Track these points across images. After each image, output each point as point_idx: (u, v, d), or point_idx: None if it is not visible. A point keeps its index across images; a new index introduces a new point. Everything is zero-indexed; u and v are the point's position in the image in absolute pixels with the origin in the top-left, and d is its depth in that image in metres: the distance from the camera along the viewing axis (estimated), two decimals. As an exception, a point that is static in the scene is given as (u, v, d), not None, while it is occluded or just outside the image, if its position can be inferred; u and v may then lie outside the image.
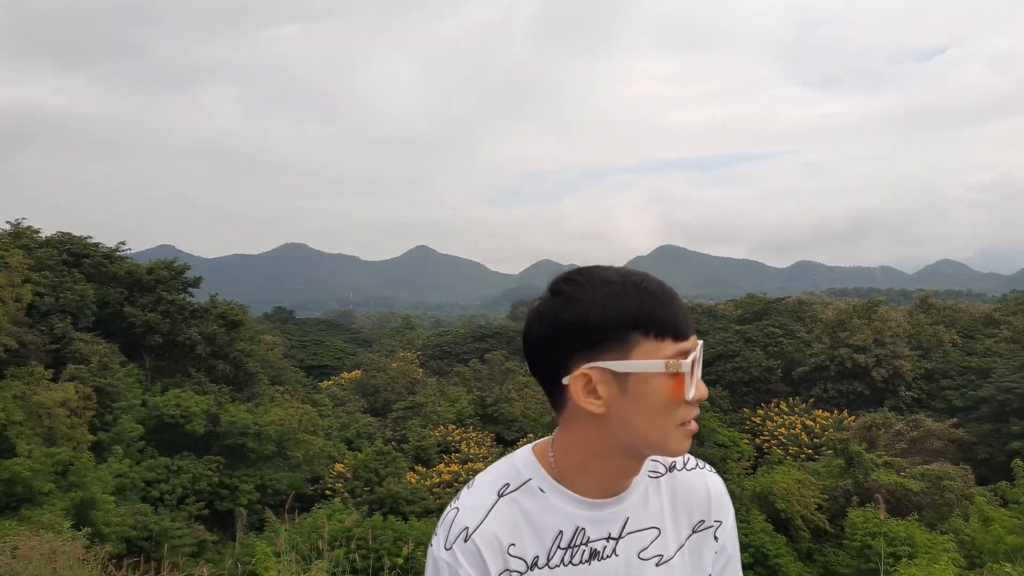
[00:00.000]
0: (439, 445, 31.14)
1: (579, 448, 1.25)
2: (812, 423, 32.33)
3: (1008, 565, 10.98)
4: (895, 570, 13.50)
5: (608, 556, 1.26)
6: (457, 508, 1.27)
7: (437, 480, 27.18)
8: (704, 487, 1.35)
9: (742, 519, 20.15)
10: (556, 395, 1.24)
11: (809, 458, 29.19)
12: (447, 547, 1.24)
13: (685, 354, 1.19)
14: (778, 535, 20.61)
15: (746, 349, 37.81)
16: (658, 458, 1.32)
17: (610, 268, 1.24)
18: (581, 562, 1.25)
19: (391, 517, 20.57)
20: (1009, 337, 35.94)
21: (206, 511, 25.19)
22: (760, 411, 34.33)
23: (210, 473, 26.02)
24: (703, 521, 1.33)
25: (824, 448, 29.12)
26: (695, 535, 1.32)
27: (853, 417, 31.62)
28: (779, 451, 30.30)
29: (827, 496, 23.08)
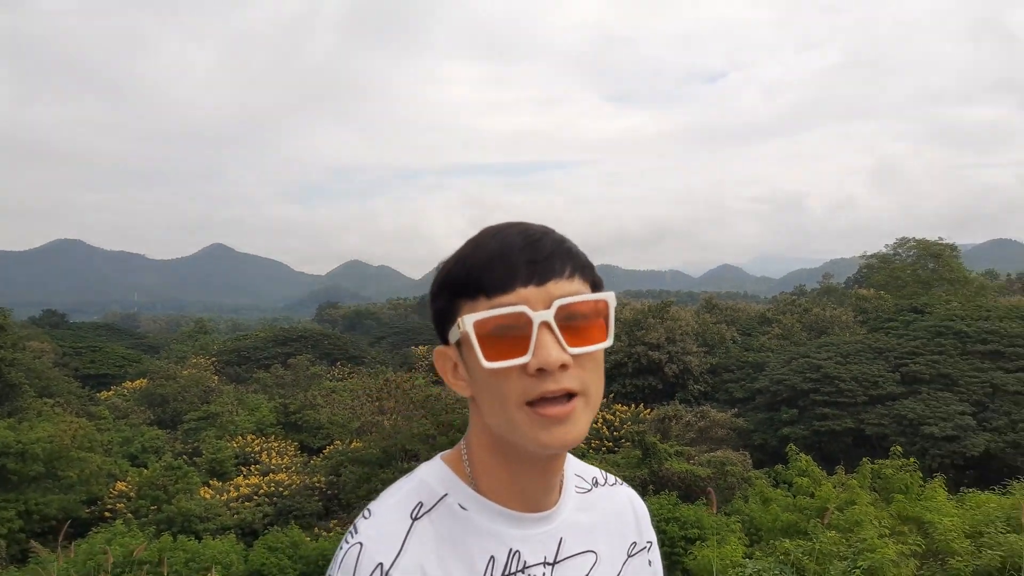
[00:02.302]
0: (237, 457, 29.50)
1: (477, 443, 1.06)
2: (612, 417, 34.01)
3: (786, 540, 12.00)
4: (689, 553, 14.34)
5: None
6: (360, 543, 0.99)
7: (235, 494, 25.62)
8: (629, 505, 1.20)
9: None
10: None
11: (610, 451, 30.69)
12: None
13: (512, 313, 0.97)
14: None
15: (552, 348, 39.06)
16: (580, 472, 1.16)
17: (483, 229, 1.04)
18: None
19: (182, 537, 19.04)
20: (780, 334, 40.09)
21: (-48, 546, 21.72)
22: (565, 408, 35.53)
23: (-43, 502, 22.53)
24: (635, 544, 1.17)
25: (623, 440, 30.79)
26: (631, 560, 1.15)
27: (649, 410, 33.65)
28: (583, 445, 31.50)
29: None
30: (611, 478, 1.21)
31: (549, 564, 1.05)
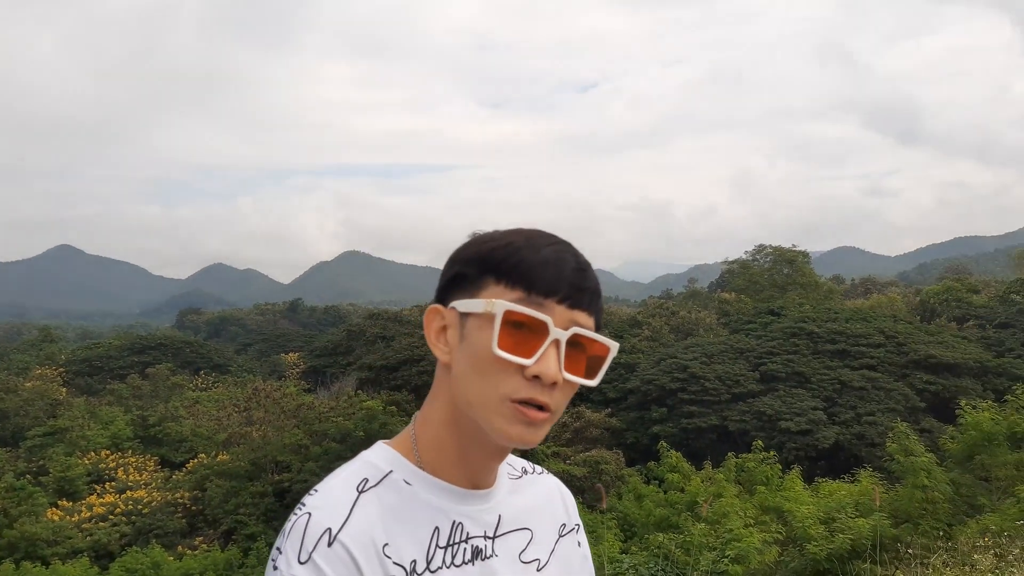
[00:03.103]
0: (90, 474, 27.46)
1: (437, 413, 1.12)
2: (490, 421, 34.19)
3: (659, 534, 12.40)
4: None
5: (490, 556, 1.11)
6: (308, 513, 1.04)
7: (88, 515, 23.79)
8: (556, 491, 1.28)
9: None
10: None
11: (488, 455, 30.84)
12: (302, 560, 1.01)
13: (536, 307, 1.04)
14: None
15: (431, 353, 38.74)
16: (511, 462, 1.23)
17: (538, 231, 1.12)
18: (464, 562, 1.09)
19: (26, 564, 17.52)
20: (649, 336, 41.63)
21: None
22: (443, 413, 35.44)
23: None
24: (565, 525, 1.25)
25: (501, 444, 31.00)
26: (561, 540, 1.23)
27: (526, 413, 34.06)
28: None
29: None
30: (538, 468, 1.29)
31: (489, 538, 1.12)
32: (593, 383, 1.09)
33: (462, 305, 1.08)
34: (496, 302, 1.04)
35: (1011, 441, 14.69)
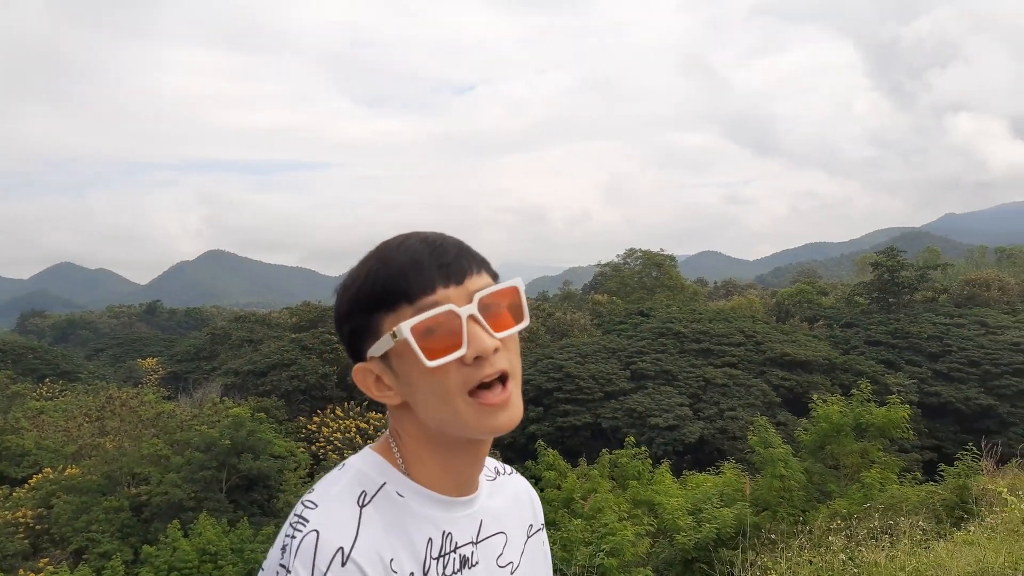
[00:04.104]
0: (-88, 496, 24.66)
1: (408, 440, 1.13)
2: (366, 425, 33.49)
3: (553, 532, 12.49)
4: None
5: (475, 564, 1.15)
6: (315, 530, 1.03)
7: (-91, 541, 21.28)
8: (525, 492, 1.31)
9: (301, 529, 19.89)
10: None
11: (363, 459, 30.25)
12: None
13: (430, 307, 1.06)
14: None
15: (302, 357, 37.77)
16: (485, 463, 1.24)
17: (391, 238, 1.12)
18: (454, 572, 1.12)
19: None
20: (526, 336, 42.16)
21: None
22: (316, 418, 34.46)
23: None
24: (532, 526, 1.28)
25: (377, 448, 30.46)
26: (529, 540, 1.27)
27: (402, 416, 33.64)
28: (335, 456, 30.72)
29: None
30: (508, 468, 1.32)
31: (474, 544, 1.16)
32: (525, 323, 1.12)
33: (376, 350, 1.09)
34: (399, 328, 1.05)
35: (857, 431, 15.86)
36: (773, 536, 8.46)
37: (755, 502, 13.70)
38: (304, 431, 33.45)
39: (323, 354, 38.84)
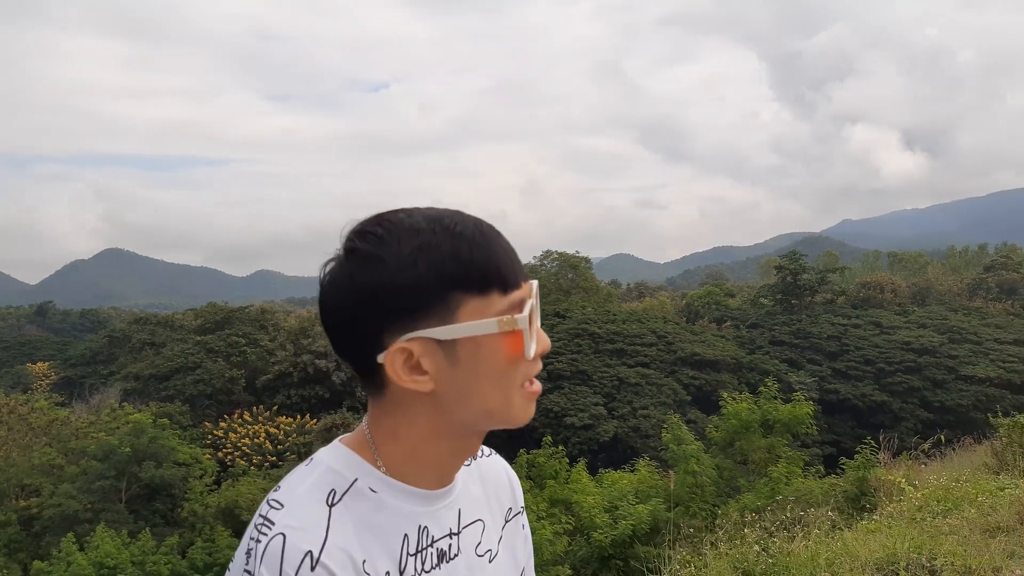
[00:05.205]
0: None
1: (409, 434, 1.04)
2: (276, 430, 32.59)
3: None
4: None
5: (455, 556, 1.10)
6: (281, 533, 0.95)
7: None
8: (504, 473, 1.25)
9: (206, 538, 19.13)
10: (370, 376, 1.01)
11: (273, 465, 29.38)
12: None
13: (519, 305, 1.01)
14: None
15: (208, 360, 36.51)
16: None
17: (416, 211, 1.01)
18: (432, 567, 1.07)
19: None
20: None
21: None
22: (223, 423, 33.28)
23: None
24: (511, 509, 1.23)
25: (288, 454, 29.62)
26: (508, 525, 1.22)
27: (315, 420, 32.82)
28: (243, 462, 29.74)
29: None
30: (486, 449, 1.25)
31: (455, 534, 1.11)
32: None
33: (446, 332, 0.98)
34: (519, 317, 1.00)
35: (764, 427, 16.43)
36: (692, 530, 8.62)
37: (669, 498, 13.99)
38: (210, 437, 32.45)
39: (230, 357, 37.69)
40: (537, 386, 1.05)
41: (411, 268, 0.96)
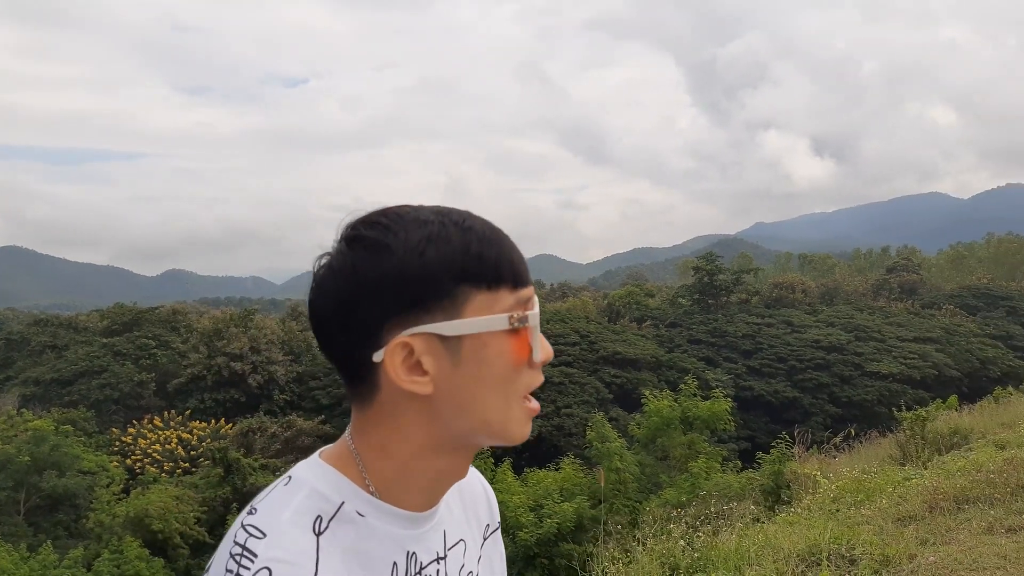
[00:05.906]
0: None
1: (401, 449, 0.95)
2: (189, 436, 31.44)
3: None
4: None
5: None
6: (267, 567, 0.85)
7: None
8: (481, 488, 1.18)
9: (114, 549, 18.27)
10: (361, 378, 0.92)
11: (186, 472, 28.38)
12: None
13: (527, 303, 0.95)
14: (155, 559, 19.23)
15: (115, 363, 34.96)
16: None
17: (422, 207, 0.95)
18: None
19: None
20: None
21: None
22: (132, 429, 31.88)
23: None
24: (489, 526, 1.17)
25: (202, 459, 28.62)
26: (486, 542, 1.15)
27: (230, 425, 31.87)
28: (154, 469, 28.57)
29: (206, 508, 22.63)
30: None
31: (441, 559, 1.04)
32: None
33: (453, 327, 0.91)
34: (528, 315, 0.94)
35: (684, 424, 16.79)
36: (618, 527, 8.68)
37: (592, 495, 14.11)
38: (118, 443, 31.22)
39: (139, 360, 36.25)
40: (536, 404, 0.98)
41: (419, 258, 0.90)
